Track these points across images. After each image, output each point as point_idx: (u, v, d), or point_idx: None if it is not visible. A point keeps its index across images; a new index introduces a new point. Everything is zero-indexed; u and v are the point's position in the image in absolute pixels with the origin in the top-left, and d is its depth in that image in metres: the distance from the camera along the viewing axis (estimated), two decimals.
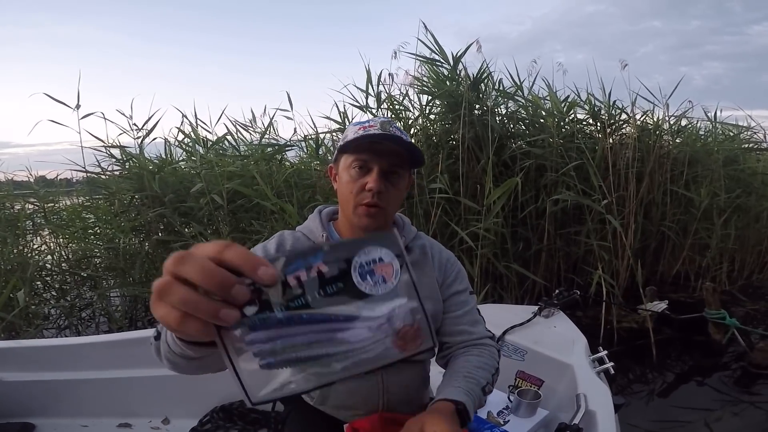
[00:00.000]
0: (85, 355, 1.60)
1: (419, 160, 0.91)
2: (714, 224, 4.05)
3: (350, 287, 0.39)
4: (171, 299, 0.35)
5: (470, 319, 0.98)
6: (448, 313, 0.97)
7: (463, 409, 0.77)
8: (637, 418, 2.23)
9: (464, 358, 0.92)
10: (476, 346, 0.95)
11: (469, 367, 0.88)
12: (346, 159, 0.89)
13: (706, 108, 4.52)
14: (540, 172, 3.64)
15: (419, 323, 0.43)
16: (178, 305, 0.35)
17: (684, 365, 2.91)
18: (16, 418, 1.54)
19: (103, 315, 3.45)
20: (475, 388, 0.83)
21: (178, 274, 0.35)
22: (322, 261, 0.38)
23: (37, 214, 3.97)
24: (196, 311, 0.35)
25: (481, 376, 0.87)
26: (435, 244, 1.04)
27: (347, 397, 0.94)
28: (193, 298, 0.35)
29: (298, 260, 0.38)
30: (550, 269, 3.81)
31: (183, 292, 0.35)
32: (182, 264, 0.35)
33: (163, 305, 0.36)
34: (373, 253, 0.40)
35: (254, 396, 0.39)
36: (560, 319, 1.73)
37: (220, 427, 1.58)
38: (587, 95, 3.95)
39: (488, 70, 3.48)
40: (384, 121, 0.88)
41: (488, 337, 0.99)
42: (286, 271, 0.37)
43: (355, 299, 0.40)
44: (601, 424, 1.05)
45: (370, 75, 3.46)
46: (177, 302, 0.35)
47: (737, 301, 3.90)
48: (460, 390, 0.81)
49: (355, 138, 0.85)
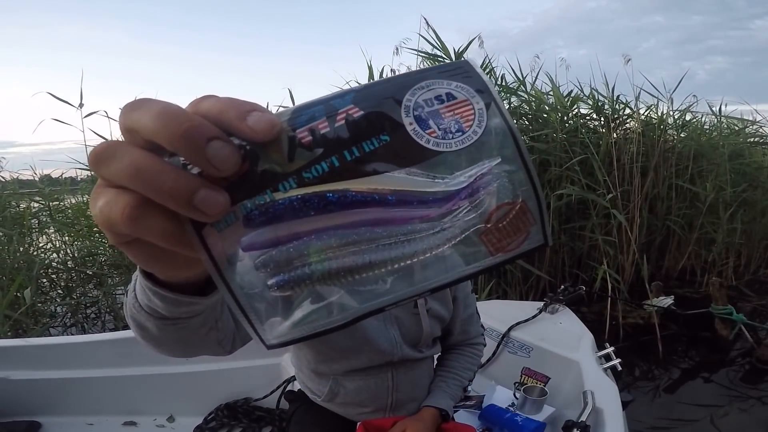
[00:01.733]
0: (90, 354, 1.61)
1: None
2: (720, 219, 4.02)
3: (402, 141, 0.23)
4: (117, 168, 0.21)
5: (471, 319, 1.07)
6: (454, 312, 1.01)
7: (446, 414, 0.95)
8: (643, 415, 2.23)
9: (457, 356, 1.06)
10: (469, 346, 1.08)
11: (459, 368, 1.03)
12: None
13: (711, 102, 4.50)
14: (544, 167, 3.62)
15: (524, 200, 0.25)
16: (129, 179, 0.20)
17: (690, 361, 2.89)
18: (23, 416, 1.55)
19: (109, 313, 3.47)
20: (459, 390, 1.01)
21: (131, 127, 0.21)
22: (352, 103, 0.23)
23: (43, 212, 3.99)
24: (160, 189, 0.20)
25: (466, 377, 1.03)
26: None
27: (356, 395, 0.93)
28: (154, 164, 0.20)
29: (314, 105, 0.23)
30: (554, 265, 3.79)
31: (135, 155, 0.21)
32: (137, 111, 0.21)
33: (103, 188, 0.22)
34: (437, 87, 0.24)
35: (269, 335, 0.25)
36: (566, 315, 1.72)
37: (225, 424, 1.58)
38: (590, 90, 3.93)
39: (491, 66, 3.46)
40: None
41: (480, 335, 1.11)
42: (296, 122, 0.23)
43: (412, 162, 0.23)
44: (608, 421, 1.04)
45: (372, 71, 3.44)
46: (124, 172, 0.20)
47: (744, 297, 3.87)
48: (446, 396, 0.97)
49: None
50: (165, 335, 0.40)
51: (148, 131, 0.20)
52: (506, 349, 1.61)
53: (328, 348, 0.88)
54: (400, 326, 0.91)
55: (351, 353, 0.88)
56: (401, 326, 0.91)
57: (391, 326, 0.91)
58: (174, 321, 0.38)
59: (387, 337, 0.89)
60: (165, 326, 0.39)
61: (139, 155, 0.20)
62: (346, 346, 0.88)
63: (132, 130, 0.21)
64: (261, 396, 1.64)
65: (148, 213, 0.21)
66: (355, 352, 0.88)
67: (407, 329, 0.92)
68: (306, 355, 0.93)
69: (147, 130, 0.20)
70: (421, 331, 0.93)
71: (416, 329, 0.93)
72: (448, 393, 0.98)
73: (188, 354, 0.48)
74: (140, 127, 0.21)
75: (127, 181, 0.20)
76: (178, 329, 0.39)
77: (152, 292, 0.33)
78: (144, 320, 0.39)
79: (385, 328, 0.90)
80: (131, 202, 0.21)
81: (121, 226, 0.21)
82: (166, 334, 0.40)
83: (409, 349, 0.92)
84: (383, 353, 0.89)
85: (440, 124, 0.23)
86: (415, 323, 0.92)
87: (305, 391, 1.01)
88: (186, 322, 0.39)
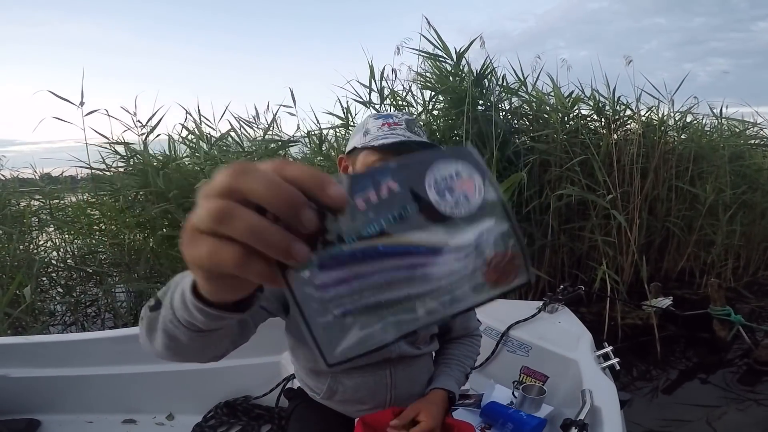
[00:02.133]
0: (90, 352, 1.61)
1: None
2: (719, 220, 4.02)
3: (426, 208, 0.32)
4: (235, 226, 0.25)
5: (471, 315, 1.14)
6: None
7: (453, 396, 0.99)
8: (641, 415, 2.23)
9: (458, 345, 1.11)
10: (469, 337, 1.14)
11: (461, 356, 1.08)
12: (367, 155, 0.88)
13: (712, 104, 4.49)
14: (544, 167, 3.62)
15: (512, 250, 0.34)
16: (243, 235, 0.26)
17: (688, 362, 2.90)
18: (22, 414, 1.55)
19: (109, 311, 3.47)
20: (462, 376, 1.05)
21: (241, 191, 0.26)
22: (390, 178, 0.31)
23: (43, 210, 3.99)
24: (267, 244, 0.26)
25: (468, 365, 1.08)
26: None
27: (354, 392, 0.94)
28: (264, 225, 0.26)
29: (365, 178, 0.30)
30: (554, 265, 3.80)
31: (251, 218, 0.26)
32: (246, 177, 0.26)
33: (213, 240, 0.27)
34: (448, 167, 0.32)
35: (331, 355, 0.32)
36: (565, 315, 1.72)
37: (224, 423, 1.59)
38: (591, 91, 3.93)
39: (492, 66, 3.46)
40: (410, 120, 0.91)
41: (477, 328, 1.17)
42: (354, 191, 0.30)
43: (435, 223, 0.32)
44: (606, 420, 1.05)
45: (373, 71, 3.45)
46: (243, 231, 0.25)
47: (742, 298, 3.88)
48: (452, 379, 1.01)
49: (390, 143, 0.85)
50: (191, 345, 0.48)
51: (257, 196, 0.25)
52: (505, 347, 1.61)
53: None
54: None
55: None
56: None
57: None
58: (207, 333, 0.46)
59: None
60: (197, 337, 0.46)
61: (253, 217, 0.26)
62: None
63: (238, 191, 0.26)
64: (260, 394, 1.64)
65: (253, 260, 0.26)
66: None
67: None
68: (304, 354, 0.94)
69: (257, 195, 0.25)
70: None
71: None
72: (452, 377, 1.02)
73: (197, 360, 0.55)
74: (251, 192, 0.26)
75: (244, 237, 0.26)
76: (205, 339, 0.47)
77: (198, 309, 0.40)
78: (179, 333, 0.47)
79: None
80: (241, 251, 0.26)
81: (230, 269, 0.27)
82: (193, 344, 0.48)
83: (407, 346, 0.94)
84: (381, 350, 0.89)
85: (453, 195, 0.32)
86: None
87: (304, 388, 1.02)
88: (216, 333, 0.47)
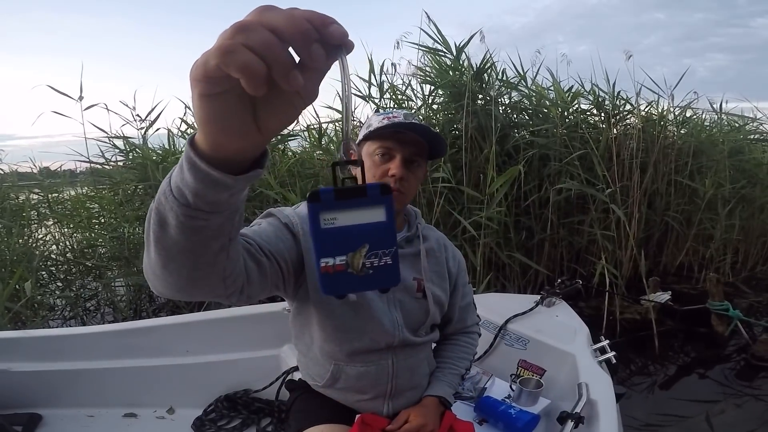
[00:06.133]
0: (90, 345, 1.61)
1: (438, 152, 0.99)
2: (718, 215, 4.03)
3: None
4: (253, 37, 0.31)
5: (469, 308, 1.15)
6: (453, 300, 1.08)
7: (446, 401, 1.02)
8: (639, 410, 2.24)
9: (452, 346, 1.13)
10: (465, 335, 1.15)
11: (454, 357, 1.10)
12: (369, 146, 0.93)
13: (711, 99, 4.49)
14: (543, 161, 3.62)
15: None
16: (257, 43, 0.31)
17: (686, 357, 2.92)
18: (24, 408, 1.56)
19: (108, 305, 3.47)
20: (456, 379, 1.08)
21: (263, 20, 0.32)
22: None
23: (42, 204, 3.98)
24: (274, 58, 0.31)
25: (463, 366, 1.10)
26: (444, 237, 1.11)
27: (356, 380, 0.95)
28: (277, 42, 0.31)
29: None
30: (553, 259, 3.81)
31: (268, 35, 0.31)
32: (269, 11, 0.32)
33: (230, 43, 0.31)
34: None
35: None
36: (562, 309, 1.73)
37: (225, 416, 1.60)
38: (591, 86, 3.92)
39: (491, 60, 3.45)
40: (407, 113, 0.94)
41: (476, 323, 1.19)
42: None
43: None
44: (602, 413, 1.06)
45: (373, 65, 3.43)
46: (258, 40, 0.31)
47: (741, 293, 3.90)
48: (444, 384, 1.04)
49: (383, 126, 0.89)
50: (180, 240, 0.46)
51: (277, 26, 0.31)
52: (503, 341, 1.62)
53: (333, 327, 0.90)
54: (402, 309, 0.95)
55: (355, 334, 0.91)
56: (403, 309, 0.96)
57: (394, 309, 0.95)
58: (195, 214, 0.44)
59: (390, 318, 0.93)
60: (185, 220, 0.45)
61: (269, 34, 0.31)
62: (352, 325, 0.90)
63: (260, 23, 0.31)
64: (260, 387, 1.65)
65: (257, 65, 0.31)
66: (359, 333, 0.91)
67: (408, 312, 0.96)
68: (313, 334, 0.94)
69: (277, 25, 0.31)
70: (421, 315, 0.98)
71: (417, 313, 0.97)
72: (445, 381, 1.05)
73: (192, 283, 0.52)
74: (273, 21, 0.31)
75: (258, 45, 0.31)
76: (195, 231, 0.46)
77: (190, 163, 0.41)
78: (167, 211, 0.45)
79: (389, 310, 0.94)
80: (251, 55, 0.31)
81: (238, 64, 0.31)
82: (182, 238, 0.46)
83: (409, 333, 0.96)
84: (386, 333, 0.92)
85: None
86: (416, 307, 0.97)
87: (306, 378, 1.03)
88: (206, 219, 0.45)
